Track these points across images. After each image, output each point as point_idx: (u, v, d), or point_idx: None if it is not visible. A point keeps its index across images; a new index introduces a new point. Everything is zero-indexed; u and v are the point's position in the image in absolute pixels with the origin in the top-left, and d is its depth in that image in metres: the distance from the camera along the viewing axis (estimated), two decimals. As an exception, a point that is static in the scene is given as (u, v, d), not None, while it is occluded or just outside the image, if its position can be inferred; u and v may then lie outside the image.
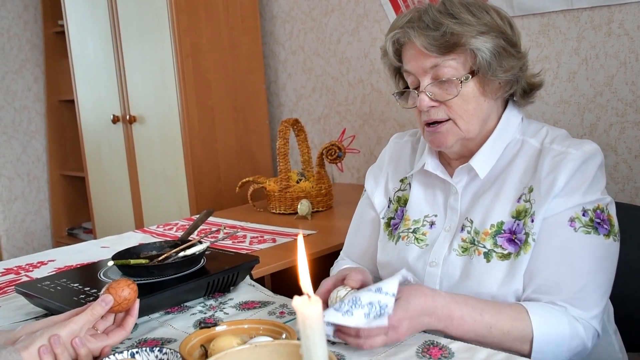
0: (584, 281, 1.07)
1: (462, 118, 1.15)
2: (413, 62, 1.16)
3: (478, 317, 1.02)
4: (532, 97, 1.22)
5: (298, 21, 2.81)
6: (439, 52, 1.12)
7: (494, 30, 1.12)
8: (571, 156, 1.10)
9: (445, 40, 1.11)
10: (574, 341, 1.05)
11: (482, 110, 1.16)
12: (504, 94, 1.18)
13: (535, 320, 1.04)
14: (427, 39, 1.12)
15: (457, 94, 1.13)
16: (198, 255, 1.27)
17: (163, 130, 2.74)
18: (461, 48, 1.12)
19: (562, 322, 1.05)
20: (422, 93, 1.15)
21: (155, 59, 2.68)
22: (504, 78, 1.14)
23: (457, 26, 1.10)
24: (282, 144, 2.14)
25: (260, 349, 0.76)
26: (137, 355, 0.92)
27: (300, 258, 0.62)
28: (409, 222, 1.26)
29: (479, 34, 1.11)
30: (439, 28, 1.11)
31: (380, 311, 0.95)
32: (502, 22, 1.15)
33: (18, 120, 3.91)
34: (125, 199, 3.04)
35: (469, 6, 1.14)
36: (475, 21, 1.11)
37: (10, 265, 1.67)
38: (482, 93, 1.15)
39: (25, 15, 3.90)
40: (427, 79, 1.15)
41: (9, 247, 3.92)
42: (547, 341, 1.04)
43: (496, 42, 1.12)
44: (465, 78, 1.13)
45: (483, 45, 1.11)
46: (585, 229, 1.08)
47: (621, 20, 1.84)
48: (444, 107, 1.15)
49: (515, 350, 1.04)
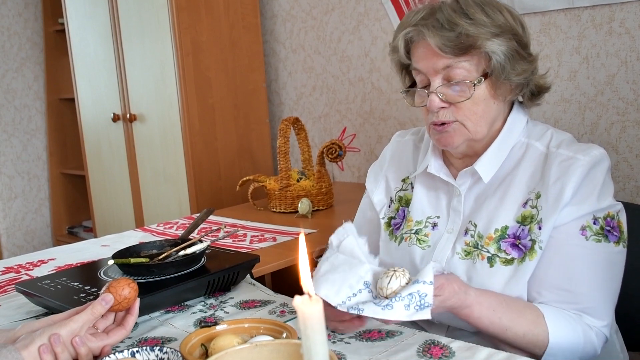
0: (596, 290, 1.08)
1: (470, 120, 1.13)
2: (425, 61, 1.13)
3: (496, 320, 1.04)
4: (539, 100, 1.21)
5: (298, 19, 2.80)
6: (453, 53, 1.09)
7: (508, 31, 1.10)
8: (579, 162, 1.09)
9: (460, 41, 1.08)
10: (586, 348, 1.07)
11: (491, 113, 1.14)
12: (514, 96, 1.17)
13: (551, 326, 1.05)
14: (441, 39, 1.09)
15: (470, 97, 1.11)
16: (198, 254, 1.27)
17: (163, 128, 2.74)
18: (476, 50, 1.09)
19: (576, 330, 1.06)
20: (432, 94, 1.13)
21: (156, 57, 2.68)
22: (516, 81, 1.13)
23: (472, 27, 1.08)
24: (282, 143, 2.14)
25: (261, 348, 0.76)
26: (137, 355, 0.92)
27: (302, 257, 0.62)
28: (412, 223, 1.25)
29: (493, 36, 1.08)
30: (454, 29, 1.08)
31: (420, 301, 0.93)
32: (515, 22, 1.12)
33: (18, 119, 3.91)
34: (126, 197, 3.04)
35: (483, 5, 1.11)
36: (489, 22, 1.09)
37: (11, 263, 1.67)
38: (493, 96, 1.13)
39: (25, 13, 3.89)
40: (438, 80, 1.12)
41: (9, 246, 3.92)
42: (560, 348, 1.05)
43: (510, 44, 1.10)
44: (478, 81, 1.11)
45: (498, 48, 1.08)
46: (596, 237, 1.08)
47: (622, 19, 1.83)
48: (453, 109, 1.13)
49: (528, 350, 1.05)
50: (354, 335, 1.03)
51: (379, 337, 1.02)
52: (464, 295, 1.02)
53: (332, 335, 1.04)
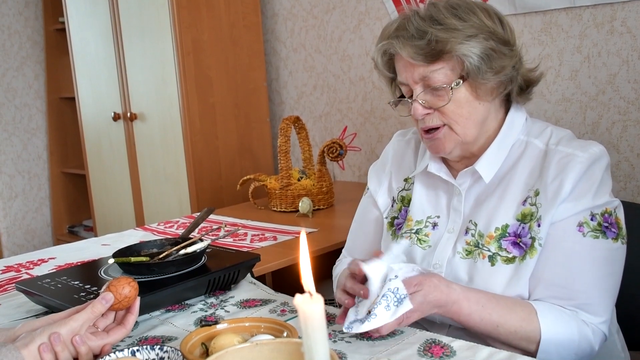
0: (593, 287, 1.07)
1: (457, 123, 1.13)
2: (404, 72, 1.14)
3: (487, 316, 1.04)
4: (529, 94, 1.20)
5: (299, 19, 2.80)
6: (425, 61, 1.10)
7: (483, 32, 1.09)
8: (578, 159, 1.09)
9: (430, 48, 1.09)
10: (582, 345, 1.06)
11: (478, 114, 1.14)
12: (500, 94, 1.16)
13: (543, 323, 1.04)
14: (412, 48, 1.10)
15: (449, 101, 1.11)
16: (199, 253, 1.27)
17: (164, 127, 2.74)
18: (448, 55, 1.09)
19: (571, 326, 1.05)
20: (415, 102, 1.14)
21: (156, 56, 2.68)
22: (496, 80, 1.12)
23: (443, 32, 1.08)
24: (283, 142, 2.14)
25: (261, 347, 0.75)
26: (137, 354, 0.92)
27: (303, 256, 0.62)
28: (412, 222, 1.25)
29: (466, 39, 1.08)
30: (423, 36, 1.09)
31: (395, 296, 0.96)
32: (492, 21, 1.12)
33: (19, 118, 3.91)
34: (126, 196, 3.04)
35: (454, 9, 1.11)
36: (461, 25, 1.09)
37: (11, 262, 1.67)
38: (476, 97, 1.13)
39: (26, 12, 3.89)
40: (419, 88, 1.13)
41: (9, 245, 3.92)
42: (554, 344, 1.04)
43: (485, 44, 1.09)
44: (455, 84, 1.11)
45: (470, 51, 1.08)
46: (594, 234, 1.07)
47: (624, 18, 1.83)
48: (437, 114, 1.14)
49: (521, 348, 1.05)
50: (355, 334, 1.03)
51: (380, 336, 1.02)
52: (447, 288, 1.02)
53: (332, 334, 1.04)
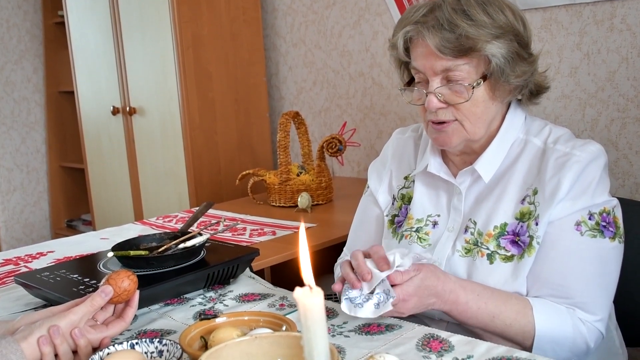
0: (590, 286, 1.07)
1: (469, 120, 1.13)
2: (423, 60, 1.11)
3: (483, 305, 1.05)
4: (538, 99, 1.20)
5: (299, 14, 2.80)
6: (452, 55, 1.08)
7: (509, 32, 1.08)
8: (575, 158, 1.09)
9: (459, 43, 1.06)
10: (576, 342, 1.06)
11: (489, 113, 1.14)
12: (513, 97, 1.16)
13: (538, 318, 1.05)
14: (441, 40, 1.07)
15: (469, 99, 1.10)
16: (198, 247, 1.27)
17: (163, 122, 2.73)
18: (475, 52, 1.07)
19: (566, 323, 1.06)
20: (430, 94, 1.11)
21: (156, 51, 2.67)
22: (515, 83, 1.12)
23: (473, 29, 1.06)
24: (282, 137, 2.14)
25: (260, 341, 0.76)
26: (136, 347, 0.92)
27: (302, 249, 0.62)
28: (412, 221, 1.25)
29: (494, 38, 1.07)
30: (454, 30, 1.06)
31: (387, 297, 0.99)
32: (517, 21, 1.11)
33: (17, 111, 3.90)
34: (125, 190, 3.04)
35: (485, 5, 1.08)
36: (490, 23, 1.07)
37: (9, 256, 1.67)
38: (492, 97, 1.12)
39: (24, 5, 3.88)
40: (437, 80, 1.11)
41: (7, 239, 3.92)
42: (548, 340, 1.05)
43: (510, 46, 1.08)
44: (477, 83, 1.10)
45: (498, 51, 1.07)
46: (592, 233, 1.08)
47: (624, 15, 1.83)
48: (452, 109, 1.12)
49: (517, 342, 1.06)
50: (354, 328, 1.04)
51: (378, 330, 1.02)
52: (444, 276, 1.04)
53: (331, 329, 1.04)
